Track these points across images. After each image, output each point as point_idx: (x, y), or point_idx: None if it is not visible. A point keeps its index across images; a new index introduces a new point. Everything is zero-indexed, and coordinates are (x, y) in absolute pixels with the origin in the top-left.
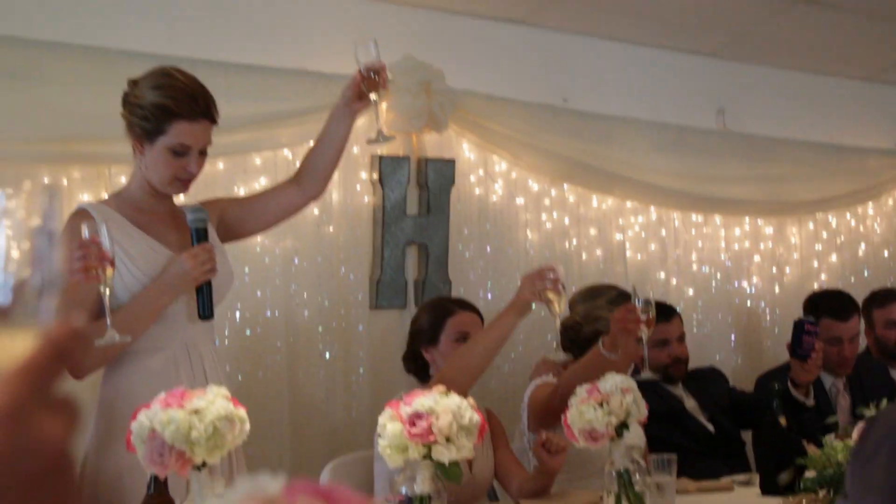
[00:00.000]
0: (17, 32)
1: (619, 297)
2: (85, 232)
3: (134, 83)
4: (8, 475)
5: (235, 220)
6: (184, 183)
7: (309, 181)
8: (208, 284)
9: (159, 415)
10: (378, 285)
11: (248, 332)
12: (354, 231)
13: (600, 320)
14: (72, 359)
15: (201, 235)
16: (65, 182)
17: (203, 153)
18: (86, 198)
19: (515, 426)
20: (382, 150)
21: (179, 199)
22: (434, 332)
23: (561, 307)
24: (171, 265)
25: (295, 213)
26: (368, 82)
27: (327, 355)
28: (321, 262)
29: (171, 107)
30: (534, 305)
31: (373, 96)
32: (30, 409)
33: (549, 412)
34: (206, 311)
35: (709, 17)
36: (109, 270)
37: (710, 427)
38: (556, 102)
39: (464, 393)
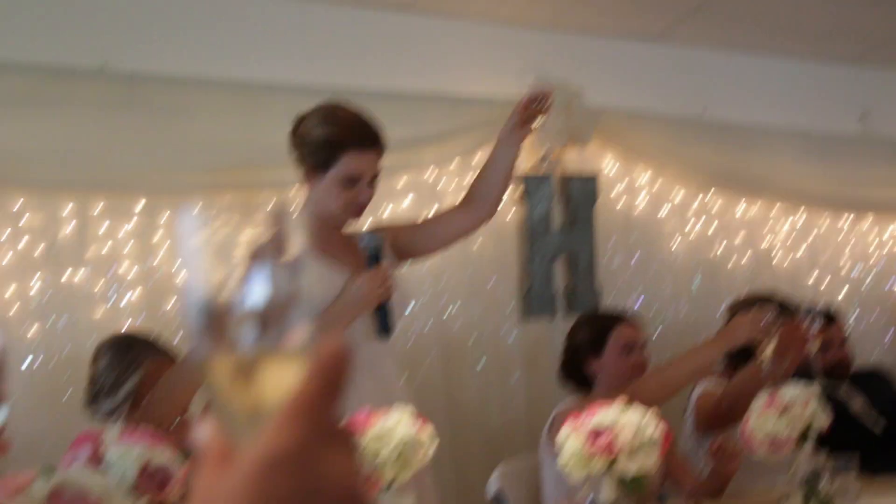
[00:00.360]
0: (163, 70)
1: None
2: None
3: (301, 119)
4: None
5: (407, 244)
6: (356, 211)
7: (479, 205)
8: (386, 304)
9: None
10: (527, 296)
11: (400, 346)
12: (502, 245)
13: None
14: (344, 383)
15: (376, 258)
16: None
17: (372, 182)
18: None
19: (679, 429)
20: (525, 169)
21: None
22: (598, 343)
23: (770, 351)
24: (349, 289)
25: (465, 236)
26: (534, 109)
27: (479, 366)
28: (470, 276)
29: (340, 139)
30: None
31: (537, 122)
32: (314, 445)
33: (715, 420)
34: (383, 328)
35: (847, 25)
36: None
37: (880, 426)
38: (696, 113)
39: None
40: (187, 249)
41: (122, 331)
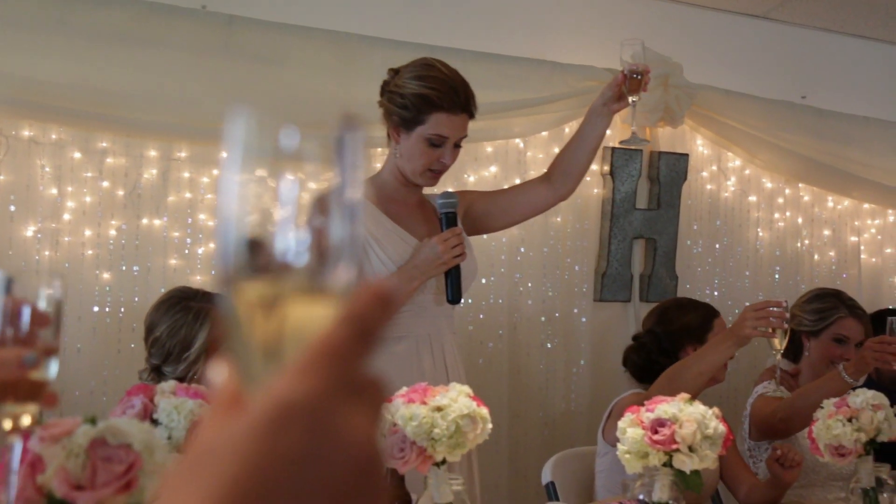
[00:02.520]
0: (262, 16)
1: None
2: None
3: (395, 72)
4: (313, 480)
5: (482, 213)
6: (435, 175)
7: (561, 180)
8: (457, 269)
9: (402, 410)
10: (603, 278)
11: (470, 319)
12: (582, 222)
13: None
14: (380, 333)
15: (451, 220)
16: None
17: (458, 146)
18: None
19: (736, 430)
20: (615, 141)
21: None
22: (703, 331)
23: (782, 345)
24: (422, 249)
25: (543, 211)
26: (631, 83)
27: (549, 346)
28: (547, 253)
29: (432, 97)
30: None
31: (632, 98)
32: (333, 399)
33: (771, 428)
34: (454, 295)
35: None
36: None
37: None
38: (794, 99)
39: None
40: (232, 173)
41: (175, 287)
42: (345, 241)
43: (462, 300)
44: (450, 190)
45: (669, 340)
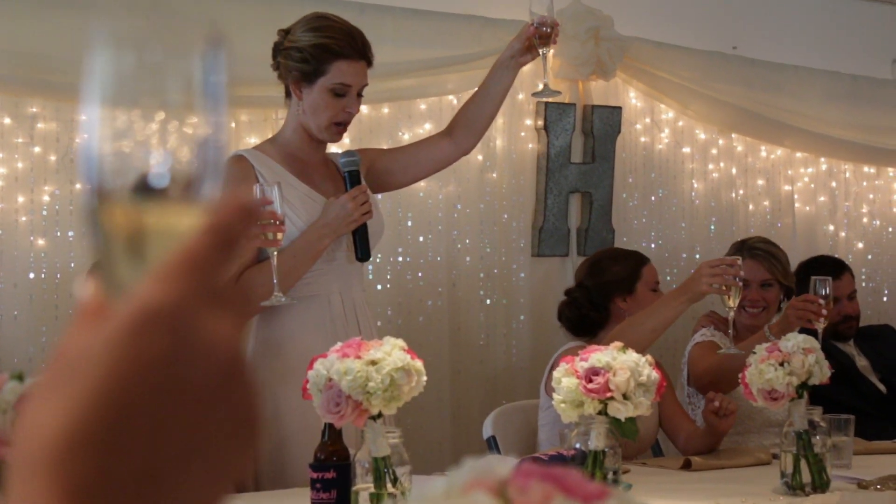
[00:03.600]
0: None
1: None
2: (256, 192)
3: (287, 31)
4: (176, 384)
5: (384, 170)
6: (340, 129)
7: (463, 134)
8: (364, 227)
9: (336, 364)
10: (540, 233)
11: (409, 277)
12: (518, 178)
13: None
14: (239, 243)
15: (355, 178)
16: (233, 125)
17: (360, 95)
18: (253, 141)
19: (675, 378)
20: (547, 97)
21: (330, 149)
22: (631, 281)
23: (735, 301)
24: (331, 207)
25: (444, 166)
26: (541, 37)
27: (488, 302)
28: (483, 209)
29: (332, 46)
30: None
31: (542, 50)
32: (194, 305)
33: (707, 384)
34: (363, 253)
35: None
36: (280, 234)
37: (883, 388)
38: (725, 50)
39: None
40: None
41: None
42: (208, 157)
43: (370, 256)
44: (351, 149)
45: (598, 293)
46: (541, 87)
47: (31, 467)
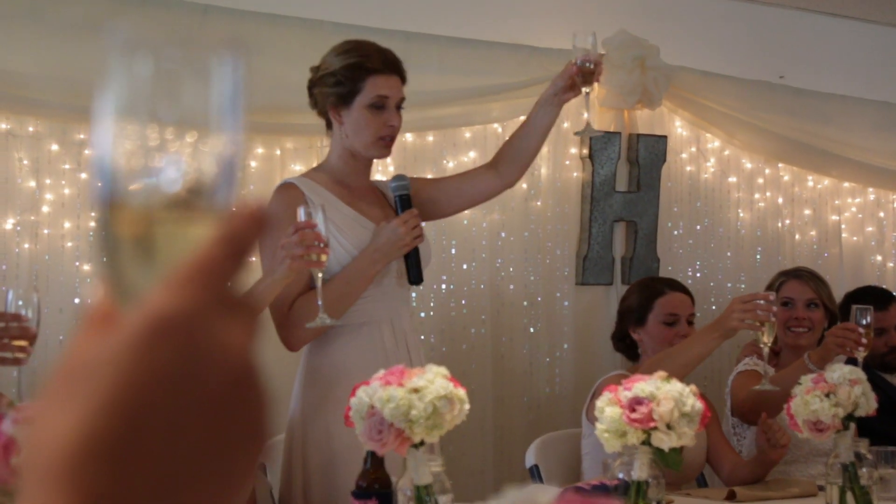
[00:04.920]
0: (236, 5)
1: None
2: (301, 215)
3: (317, 67)
4: (190, 392)
5: (428, 200)
6: (387, 143)
7: (507, 168)
8: (416, 251)
9: (379, 392)
10: (585, 261)
11: (453, 305)
12: (562, 206)
13: None
14: (251, 251)
15: (406, 202)
16: (278, 152)
17: (399, 108)
18: (298, 168)
19: (719, 408)
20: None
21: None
22: (642, 312)
23: (770, 338)
24: (383, 231)
25: (489, 198)
26: (584, 74)
27: (532, 330)
28: (528, 237)
29: (364, 63)
30: None
31: (585, 89)
32: (207, 313)
33: (747, 409)
34: (416, 276)
35: None
36: (324, 256)
37: None
38: (772, 79)
39: None
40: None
41: None
42: (222, 165)
43: (423, 280)
44: (402, 174)
45: (619, 321)
46: (582, 128)
47: (43, 476)
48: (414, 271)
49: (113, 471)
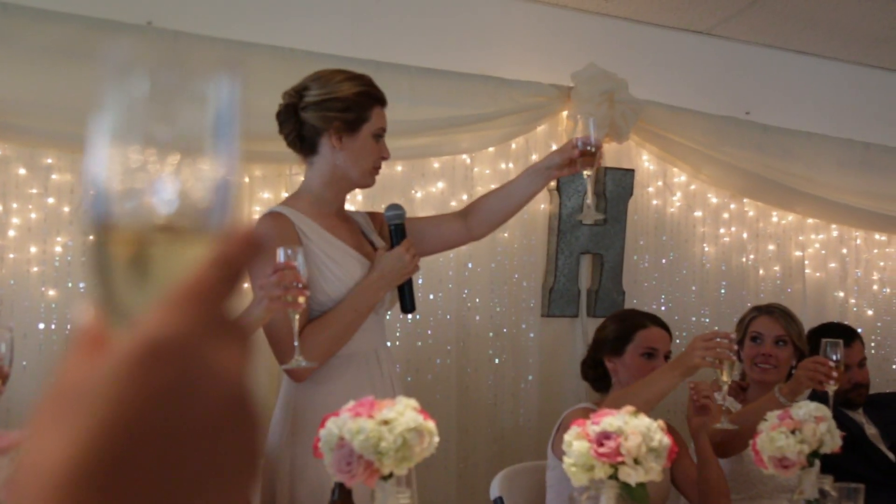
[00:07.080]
0: (208, 31)
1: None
2: (281, 256)
3: (299, 90)
4: (182, 415)
5: None
6: (377, 172)
7: (477, 223)
8: (410, 279)
9: (348, 423)
10: (551, 293)
11: (419, 334)
12: (529, 238)
13: None
14: (245, 274)
15: (401, 232)
16: (247, 180)
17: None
18: (266, 196)
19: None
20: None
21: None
22: (621, 342)
23: (730, 376)
24: (386, 259)
25: (452, 247)
26: (584, 157)
27: (497, 361)
28: (494, 268)
29: (373, 92)
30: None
31: (586, 172)
32: (200, 336)
33: (714, 446)
34: (412, 304)
35: None
36: (302, 298)
37: (892, 457)
38: (738, 115)
39: None
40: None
41: None
42: (216, 188)
43: (415, 309)
44: (397, 203)
45: (594, 350)
46: (582, 214)
47: (34, 501)
48: (409, 299)
49: (105, 495)
